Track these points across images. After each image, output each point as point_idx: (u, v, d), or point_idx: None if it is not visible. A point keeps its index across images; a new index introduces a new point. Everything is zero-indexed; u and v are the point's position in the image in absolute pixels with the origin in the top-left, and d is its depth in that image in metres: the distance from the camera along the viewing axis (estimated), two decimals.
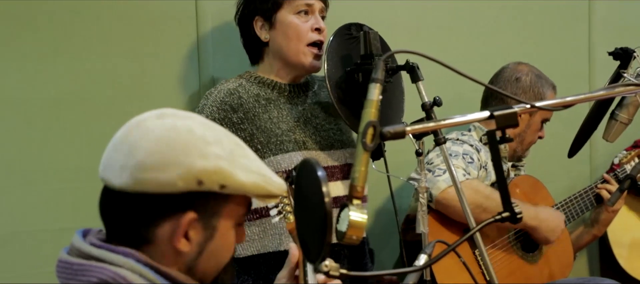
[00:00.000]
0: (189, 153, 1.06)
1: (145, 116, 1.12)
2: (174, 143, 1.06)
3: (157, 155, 1.05)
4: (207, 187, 1.07)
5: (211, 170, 1.07)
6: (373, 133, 1.16)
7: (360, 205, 1.17)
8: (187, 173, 1.06)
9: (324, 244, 1.09)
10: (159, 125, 1.08)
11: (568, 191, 2.61)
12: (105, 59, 2.02)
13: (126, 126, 1.12)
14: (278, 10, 1.91)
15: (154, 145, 1.06)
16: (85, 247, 1.08)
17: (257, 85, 1.95)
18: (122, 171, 1.06)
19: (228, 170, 1.08)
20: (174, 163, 1.05)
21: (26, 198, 1.93)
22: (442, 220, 2.09)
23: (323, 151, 1.94)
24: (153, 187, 1.05)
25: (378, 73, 1.20)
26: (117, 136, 1.11)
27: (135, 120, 1.12)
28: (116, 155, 1.08)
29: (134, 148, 1.06)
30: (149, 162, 1.05)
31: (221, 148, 1.09)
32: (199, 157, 1.06)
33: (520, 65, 2.38)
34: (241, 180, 1.10)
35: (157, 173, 1.05)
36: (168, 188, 1.06)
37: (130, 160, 1.06)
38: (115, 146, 1.09)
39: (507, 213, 1.23)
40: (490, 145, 1.25)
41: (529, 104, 1.26)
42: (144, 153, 1.05)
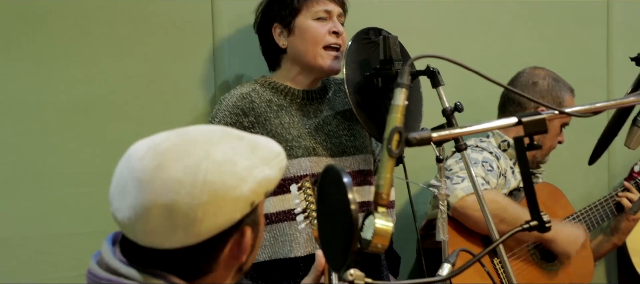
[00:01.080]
0: (232, 186, 1.03)
1: (153, 163, 1.02)
2: (214, 185, 1.02)
3: (206, 205, 1.01)
4: (257, 202, 1.07)
5: (256, 187, 1.06)
6: (399, 139, 1.14)
7: (386, 212, 1.15)
8: (240, 204, 1.04)
9: (349, 253, 1.07)
10: (183, 172, 1.01)
11: (586, 198, 2.57)
12: (120, 63, 2.01)
13: (141, 184, 1.01)
14: (296, 16, 1.91)
15: (198, 198, 1.00)
16: (113, 262, 1.05)
17: (270, 91, 1.94)
18: (174, 233, 1.01)
19: (264, 177, 1.07)
20: (226, 204, 1.02)
21: (40, 203, 1.92)
22: (459, 228, 2.06)
23: (334, 158, 1.93)
24: (213, 232, 1.03)
25: (404, 78, 1.17)
26: (140, 201, 1.00)
27: (145, 174, 1.01)
28: (155, 220, 1.00)
29: (176, 208, 1.00)
30: (201, 215, 1.01)
31: (242, 157, 1.07)
32: (241, 183, 1.04)
33: (536, 69, 2.35)
34: (274, 176, 1.09)
35: (213, 220, 1.02)
36: (227, 225, 1.04)
37: (179, 220, 1.00)
38: (148, 213, 1.01)
39: (535, 222, 1.20)
40: (518, 152, 1.22)
41: (558, 110, 1.23)
42: (191, 210, 1.00)
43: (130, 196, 1.02)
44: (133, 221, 1.02)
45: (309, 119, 1.94)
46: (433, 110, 1.91)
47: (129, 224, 1.02)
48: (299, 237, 1.87)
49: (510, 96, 2.32)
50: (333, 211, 1.15)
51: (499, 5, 2.63)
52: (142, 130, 1.99)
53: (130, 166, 1.03)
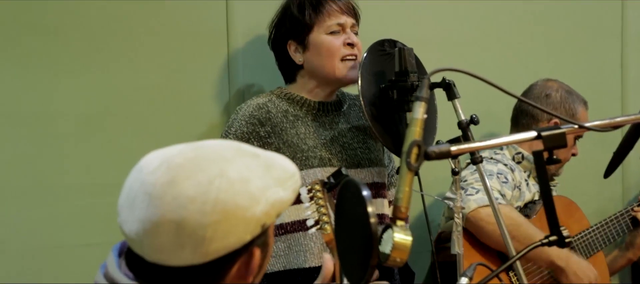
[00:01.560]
0: (244, 207, 1.01)
1: (165, 178, 1.00)
2: (225, 204, 0.99)
3: (217, 224, 0.98)
4: (268, 224, 1.04)
5: (268, 209, 1.03)
6: (418, 152, 1.13)
7: (405, 226, 1.15)
8: (251, 225, 1.01)
9: (368, 267, 1.06)
10: (195, 189, 0.99)
11: (600, 211, 2.55)
12: (135, 73, 2.02)
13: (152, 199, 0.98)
14: (310, 33, 1.91)
15: (208, 217, 0.98)
16: (119, 278, 1.02)
17: (286, 102, 1.94)
18: (180, 251, 0.99)
19: (278, 198, 1.05)
20: (236, 225, 1.00)
21: (55, 213, 1.93)
22: (474, 240, 2.05)
23: (348, 170, 1.92)
24: (221, 252, 1.00)
25: (423, 91, 1.17)
26: (149, 215, 0.98)
27: (156, 188, 0.99)
28: (163, 236, 0.98)
29: (185, 226, 0.98)
30: (211, 235, 0.98)
31: (256, 176, 1.04)
32: (254, 204, 1.01)
33: (549, 81, 2.35)
34: (287, 198, 1.07)
35: (222, 240, 0.99)
36: (236, 246, 1.01)
37: (188, 239, 0.98)
38: (156, 229, 0.98)
39: (554, 237, 1.20)
40: (537, 166, 1.21)
41: (578, 124, 1.23)
42: (201, 228, 0.98)
43: (139, 210, 0.99)
44: (140, 236, 0.99)
45: (325, 130, 1.94)
46: (447, 122, 1.91)
47: (136, 238, 1.00)
48: (314, 247, 1.86)
49: (523, 108, 2.31)
50: (351, 225, 1.15)
51: (512, 18, 2.62)
52: (157, 140, 2.00)
53: (141, 179, 1.01)
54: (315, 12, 1.90)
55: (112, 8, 1.99)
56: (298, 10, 1.91)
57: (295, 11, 1.92)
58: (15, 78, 1.90)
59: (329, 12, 1.90)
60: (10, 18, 1.89)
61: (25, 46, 1.90)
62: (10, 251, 1.89)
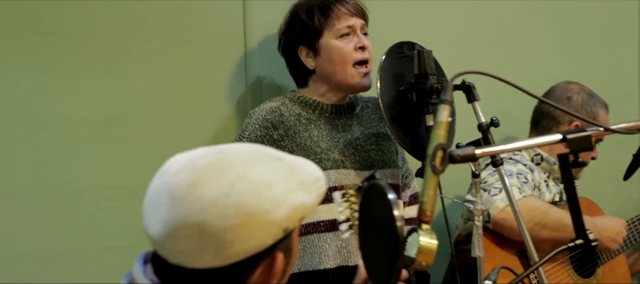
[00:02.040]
0: (265, 211, 1.01)
1: (188, 180, 1.00)
2: (248, 207, 0.99)
3: (238, 227, 0.99)
4: (291, 228, 1.04)
5: (291, 213, 1.03)
6: (443, 156, 1.13)
7: (430, 229, 1.14)
8: (273, 228, 1.01)
9: (395, 270, 1.06)
10: (217, 192, 0.99)
11: (618, 213, 2.52)
12: (153, 77, 2.02)
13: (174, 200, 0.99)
14: (320, 38, 1.91)
15: (229, 220, 0.98)
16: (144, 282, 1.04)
17: (299, 105, 1.94)
18: (202, 253, 0.99)
19: (301, 202, 1.04)
20: (258, 228, 1.00)
21: (74, 217, 1.93)
22: (495, 241, 2.04)
23: (361, 172, 1.93)
24: (242, 255, 1.00)
25: (447, 94, 1.16)
26: (172, 217, 0.99)
27: (179, 190, 1.00)
28: (185, 240, 0.99)
29: (207, 228, 0.98)
30: (232, 238, 0.98)
31: (279, 180, 1.04)
32: (276, 208, 1.01)
33: (570, 84, 2.33)
34: (311, 203, 1.06)
35: (244, 244, 0.99)
36: (258, 249, 1.01)
37: (209, 241, 0.98)
38: (179, 231, 0.99)
39: (580, 240, 1.19)
40: (562, 169, 1.21)
41: (603, 127, 1.22)
42: (222, 231, 0.98)
43: (162, 212, 1.00)
44: (163, 238, 1.00)
45: (338, 133, 1.94)
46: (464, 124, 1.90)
47: (160, 240, 1.01)
48: (328, 249, 1.86)
49: (543, 110, 2.30)
50: (376, 228, 1.14)
51: (528, 20, 2.60)
52: (174, 142, 2.03)
53: (165, 181, 1.02)
54: (324, 16, 1.90)
55: (129, 11, 1.99)
56: (307, 15, 1.91)
57: (304, 16, 1.91)
58: (34, 83, 1.90)
59: (337, 15, 1.90)
60: (27, 23, 1.90)
61: (42, 50, 1.91)
62: (29, 254, 1.90)
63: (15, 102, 1.89)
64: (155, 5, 2.03)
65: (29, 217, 1.90)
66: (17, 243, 1.89)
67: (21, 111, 1.90)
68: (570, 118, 2.23)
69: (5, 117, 1.88)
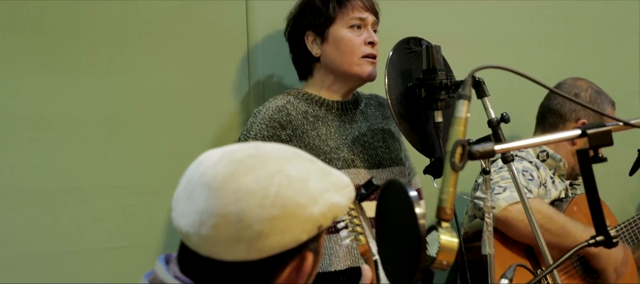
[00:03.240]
0: (302, 204, 1.00)
1: (226, 171, 1.00)
2: (286, 200, 0.99)
3: (276, 219, 0.98)
4: (324, 227, 1.03)
5: (326, 211, 1.02)
6: (462, 152, 1.11)
7: (449, 227, 1.12)
8: (308, 224, 1.00)
9: (417, 269, 1.04)
10: (256, 183, 0.99)
11: (620, 209, 2.53)
12: (157, 75, 2.01)
13: (211, 190, 0.99)
14: (331, 25, 1.89)
15: (268, 211, 0.98)
16: (169, 279, 1.02)
17: (304, 102, 1.92)
18: (236, 246, 0.98)
19: (335, 202, 1.04)
20: (294, 222, 0.99)
21: (81, 216, 1.91)
22: (502, 239, 2.03)
23: (370, 170, 1.91)
24: (277, 249, 0.99)
25: (467, 89, 1.14)
26: (209, 205, 0.98)
27: (217, 179, 0.99)
28: (221, 229, 0.98)
29: (245, 218, 0.97)
30: (269, 229, 0.98)
31: (315, 178, 1.04)
32: (313, 203, 1.01)
33: (579, 80, 2.32)
34: (344, 204, 1.05)
35: (280, 236, 0.99)
36: (292, 244, 1.00)
37: (245, 231, 0.97)
38: (214, 220, 0.98)
39: (601, 237, 1.17)
40: (581, 165, 1.19)
41: (622, 122, 1.20)
42: (260, 222, 0.97)
43: (198, 202, 0.99)
44: (197, 227, 0.99)
45: (345, 130, 1.92)
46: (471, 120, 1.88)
47: (193, 230, 0.99)
48: (339, 250, 1.84)
49: (550, 107, 2.29)
50: (396, 227, 1.12)
51: (534, 18, 2.60)
52: (179, 140, 2.02)
53: (201, 172, 1.01)
54: (339, 5, 1.89)
55: (133, 9, 1.98)
56: (322, 1, 1.90)
57: (319, 3, 1.90)
58: (39, 82, 1.89)
59: (353, 6, 1.89)
60: (32, 21, 1.88)
61: (48, 49, 1.89)
62: (34, 255, 1.88)
63: (20, 101, 1.87)
64: (158, 3, 2.01)
65: (34, 217, 1.88)
66: (22, 243, 1.87)
67: (25, 110, 1.88)
68: (577, 116, 2.22)
69: (9, 116, 1.86)
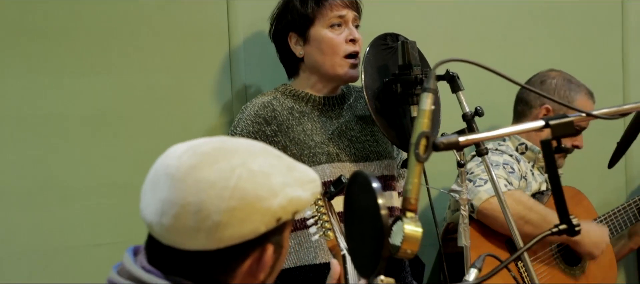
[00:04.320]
0: (262, 196, 1.03)
1: (190, 162, 1.03)
2: (245, 192, 1.02)
3: (234, 210, 1.01)
4: (284, 220, 1.06)
5: (285, 204, 1.05)
6: (426, 144, 1.13)
7: (415, 217, 1.14)
8: (267, 216, 1.03)
9: (379, 259, 1.06)
10: (217, 175, 1.02)
11: (603, 202, 2.55)
12: (139, 75, 2.03)
13: (174, 180, 1.02)
14: (311, 26, 1.91)
15: (227, 202, 1.00)
16: (135, 270, 1.05)
17: (291, 99, 1.94)
18: (196, 234, 1.01)
19: (296, 196, 1.06)
20: (252, 213, 1.02)
21: (65, 214, 1.94)
22: (483, 231, 2.06)
23: (357, 164, 1.93)
24: (235, 240, 1.02)
25: (430, 82, 1.16)
26: (170, 195, 1.01)
27: (180, 171, 1.02)
28: (182, 218, 1.00)
29: (204, 208, 1.00)
30: (227, 220, 1.00)
31: (278, 173, 1.06)
32: (272, 196, 1.03)
33: (551, 71, 2.36)
34: (306, 199, 1.08)
35: (238, 227, 1.01)
36: (250, 236, 1.03)
37: (204, 222, 1.00)
38: (176, 209, 1.01)
39: (564, 226, 1.20)
40: (545, 155, 1.21)
41: (585, 113, 1.23)
42: (218, 212, 1.00)
43: (161, 192, 1.02)
44: (159, 217, 1.02)
45: (331, 125, 1.94)
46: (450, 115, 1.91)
47: (155, 219, 1.02)
48: (324, 243, 1.86)
49: (519, 96, 2.32)
50: (361, 217, 1.14)
51: (514, 12, 2.62)
52: (162, 139, 2.02)
53: (166, 163, 1.04)
54: (317, 5, 1.90)
55: (115, 10, 2.00)
56: (300, 2, 1.91)
57: (297, 3, 1.91)
58: (22, 81, 1.91)
59: (331, 5, 1.90)
60: (15, 21, 1.90)
61: (30, 49, 1.92)
62: (21, 252, 1.90)
63: (3, 101, 1.89)
64: (141, 4, 2.03)
65: (19, 216, 1.90)
66: (7, 241, 1.89)
67: (9, 110, 1.90)
68: (542, 101, 2.24)
69: None
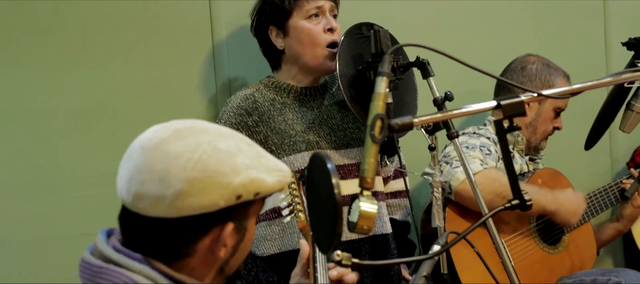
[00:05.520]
0: (223, 172, 1.09)
1: (161, 136, 1.11)
2: (207, 165, 1.08)
3: (195, 181, 1.07)
4: (244, 198, 1.12)
5: (247, 183, 1.11)
6: (381, 125, 1.19)
7: (371, 195, 1.20)
8: (227, 191, 1.09)
9: (335, 235, 1.12)
10: (183, 148, 1.09)
11: (588, 184, 2.58)
12: (125, 68, 2.08)
13: (145, 150, 1.10)
14: (289, 18, 1.94)
15: (189, 172, 1.07)
16: (106, 250, 1.13)
17: (273, 90, 1.99)
18: (159, 202, 1.08)
19: (259, 178, 1.12)
20: (212, 185, 1.08)
21: (52, 205, 1.99)
22: (462, 212, 2.10)
23: (338, 151, 1.97)
24: (194, 210, 1.08)
25: (384, 66, 1.22)
26: (139, 163, 1.09)
27: (152, 143, 1.10)
28: (147, 185, 1.08)
29: (167, 177, 1.07)
30: (188, 189, 1.07)
31: (245, 156, 1.13)
32: (234, 174, 1.10)
33: (529, 56, 2.39)
34: (270, 183, 1.14)
35: (198, 197, 1.08)
36: (210, 208, 1.09)
37: (167, 190, 1.07)
38: (143, 176, 1.08)
39: (516, 201, 1.25)
40: (498, 134, 1.26)
41: (536, 93, 1.28)
42: (180, 181, 1.07)
43: (132, 161, 1.11)
44: (128, 183, 1.10)
45: (312, 114, 1.98)
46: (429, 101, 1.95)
47: (125, 186, 1.10)
48: None
49: (500, 84, 2.36)
50: (320, 197, 1.20)
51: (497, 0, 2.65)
52: None
53: (140, 138, 1.13)
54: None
55: (101, 6, 2.04)
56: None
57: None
58: (11, 76, 1.96)
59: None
60: (3, 17, 1.94)
61: (19, 45, 1.97)
62: (11, 243, 1.96)
63: None
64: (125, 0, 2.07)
65: (10, 206, 1.95)
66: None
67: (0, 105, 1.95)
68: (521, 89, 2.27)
69: None
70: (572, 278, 2.22)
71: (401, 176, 2.11)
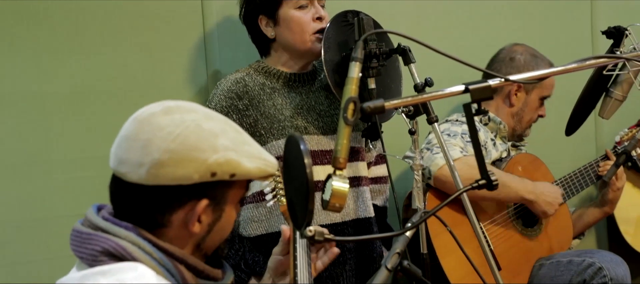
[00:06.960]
0: (201, 148, 1.16)
1: (151, 110, 1.20)
2: (187, 140, 1.16)
3: (173, 152, 1.15)
4: (219, 177, 1.18)
5: (222, 162, 1.17)
6: (353, 108, 1.25)
7: (343, 175, 1.26)
8: (202, 167, 1.16)
9: (307, 211, 1.18)
10: (168, 122, 1.17)
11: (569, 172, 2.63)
12: (117, 54, 2.13)
13: (134, 121, 1.20)
14: (279, 7, 1.98)
15: (168, 144, 1.15)
16: (95, 219, 1.21)
17: (263, 75, 2.03)
18: (139, 168, 1.15)
19: (236, 160, 1.19)
20: (189, 159, 1.15)
21: (45, 187, 2.04)
22: (442, 197, 2.15)
23: (325, 136, 2.01)
24: (169, 181, 1.16)
25: (357, 52, 1.27)
26: (127, 132, 1.19)
27: (142, 115, 1.20)
28: (131, 151, 1.17)
29: (149, 145, 1.15)
30: (165, 159, 1.15)
31: (227, 139, 1.19)
32: (211, 151, 1.17)
33: (516, 45, 2.43)
34: (248, 167, 1.20)
35: (173, 168, 1.15)
36: (184, 180, 1.16)
37: (147, 157, 1.15)
38: (129, 143, 1.18)
39: (483, 181, 1.31)
40: (467, 118, 1.32)
41: (503, 78, 1.33)
42: (159, 151, 1.15)
43: (124, 130, 1.21)
44: (116, 149, 1.20)
45: (301, 100, 2.02)
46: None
47: (113, 151, 1.20)
48: None
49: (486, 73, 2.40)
50: (296, 177, 1.26)
51: None
52: None
53: (137, 113, 1.22)
54: None
55: None
56: None
57: None
58: (3, 61, 2.01)
59: None
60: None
61: (13, 31, 2.01)
62: (4, 223, 2.01)
63: None
64: None
65: (3, 188, 2.01)
66: None
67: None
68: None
69: None
70: (550, 259, 2.27)
71: (383, 162, 2.15)
